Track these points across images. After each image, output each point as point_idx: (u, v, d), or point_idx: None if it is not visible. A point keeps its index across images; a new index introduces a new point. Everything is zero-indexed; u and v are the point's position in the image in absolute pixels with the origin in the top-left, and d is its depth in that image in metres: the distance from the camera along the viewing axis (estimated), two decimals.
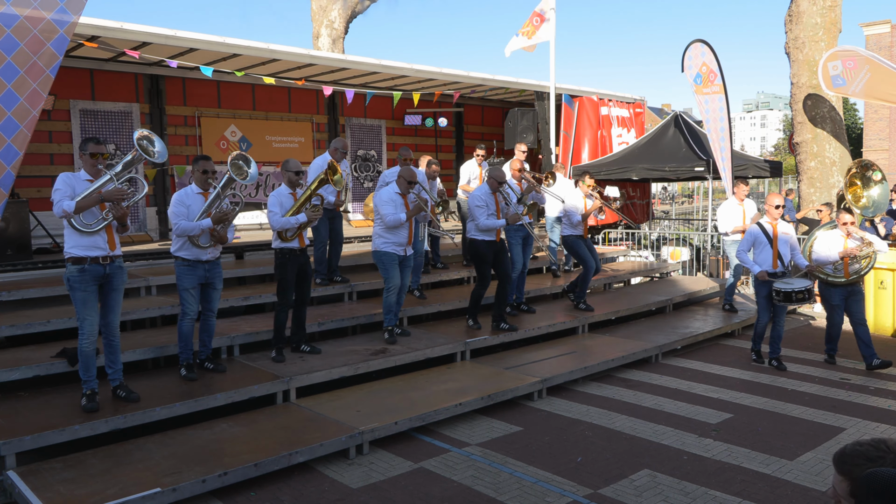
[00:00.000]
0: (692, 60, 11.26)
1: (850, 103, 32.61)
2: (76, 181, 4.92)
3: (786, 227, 7.29)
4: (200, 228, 5.57)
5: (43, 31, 5.45)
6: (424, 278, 8.99)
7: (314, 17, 18.70)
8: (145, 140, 5.17)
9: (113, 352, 5.17)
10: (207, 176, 5.70)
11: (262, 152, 12.13)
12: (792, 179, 26.10)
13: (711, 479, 4.50)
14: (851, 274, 7.08)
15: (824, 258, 7.18)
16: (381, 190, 6.93)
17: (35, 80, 5.46)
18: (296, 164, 6.40)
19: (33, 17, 5.39)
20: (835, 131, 12.05)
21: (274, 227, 6.21)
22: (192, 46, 9.03)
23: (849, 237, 7.15)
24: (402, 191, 6.83)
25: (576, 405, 6.04)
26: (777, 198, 7.26)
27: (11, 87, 5.36)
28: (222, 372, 5.85)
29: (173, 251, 5.72)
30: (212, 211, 5.66)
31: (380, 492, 4.37)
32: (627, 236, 13.24)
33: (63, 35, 5.57)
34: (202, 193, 5.72)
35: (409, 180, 6.82)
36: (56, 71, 5.59)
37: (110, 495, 3.95)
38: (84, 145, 5.04)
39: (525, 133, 13.06)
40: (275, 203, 6.25)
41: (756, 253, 7.25)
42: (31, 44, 5.40)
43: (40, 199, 9.75)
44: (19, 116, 5.40)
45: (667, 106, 56.87)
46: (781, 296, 6.94)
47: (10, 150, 5.40)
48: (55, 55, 5.56)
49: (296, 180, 6.34)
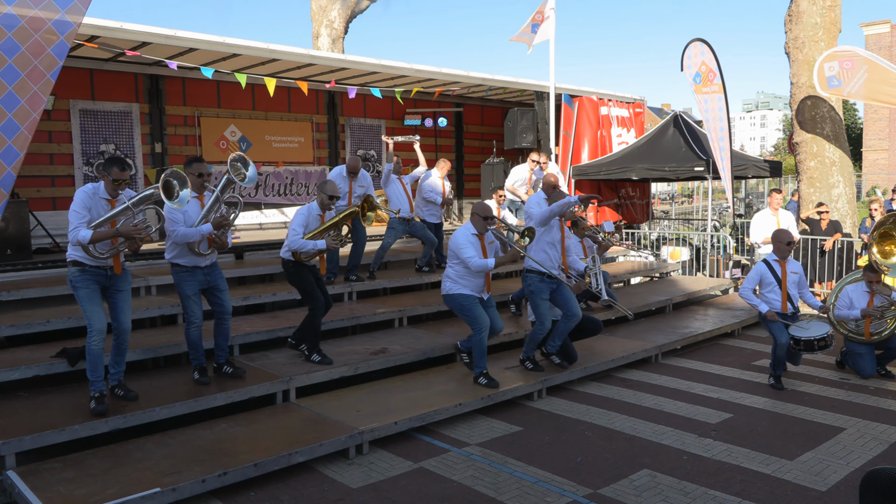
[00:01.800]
0: (692, 59, 11.26)
1: (850, 103, 32.65)
2: (94, 201, 4.89)
3: (795, 266, 6.83)
4: (201, 234, 5.38)
5: (44, 35, 5.46)
6: (426, 278, 9.01)
7: (314, 17, 18.70)
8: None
9: (120, 353, 5.15)
10: (203, 179, 5.48)
11: (262, 152, 12.13)
12: (792, 179, 26.12)
13: (711, 479, 4.50)
14: (873, 334, 6.70)
15: (845, 315, 6.81)
16: (455, 232, 6.19)
17: (36, 84, 5.46)
18: (332, 187, 6.18)
19: (35, 21, 5.40)
20: (834, 131, 12.05)
21: (291, 246, 6.03)
22: (192, 46, 9.03)
23: (874, 295, 6.73)
24: (479, 230, 6.09)
25: (576, 405, 6.04)
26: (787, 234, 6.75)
27: (12, 90, 5.37)
28: (241, 377, 5.67)
29: (169, 258, 5.53)
30: (211, 216, 5.46)
31: (380, 492, 4.37)
32: (627, 236, 13.24)
33: (63, 41, 5.58)
34: (198, 197, 5.50)
35: (485, 216, 6.07)
36: (56, 75, 5.60)
37: (110, 495, 3.95)
38: (108, 168, 4.91)
39: (525, 133, 13.07)
40: (300, 223, 6.04)
41: (764, 292, 6.78)
42: (33, 47, 5.41)
43: (40, 199, 9.76)
44: (20, 118, 5.41)
45: (667, 106, 56.91)
46: (802, 345, 6.46)
47: (11, 151, 5.40)
48: (56, 60, 5.57)
49: (328, 204, 6.17)
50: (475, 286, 6.13)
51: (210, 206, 5.49)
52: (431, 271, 9.13)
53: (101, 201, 4.95)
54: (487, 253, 6.15)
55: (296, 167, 12.50)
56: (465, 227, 6.17)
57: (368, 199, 6.30)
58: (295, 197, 12.48)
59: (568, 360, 6.70)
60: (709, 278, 11.53)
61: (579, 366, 6.71)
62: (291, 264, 6.12)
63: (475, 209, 6.16)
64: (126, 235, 4.85)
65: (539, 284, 6.35)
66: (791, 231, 7.77)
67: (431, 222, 9.33)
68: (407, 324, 7.84)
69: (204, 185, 5.53)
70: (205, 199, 5.55)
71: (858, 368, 6.81)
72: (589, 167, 12.69)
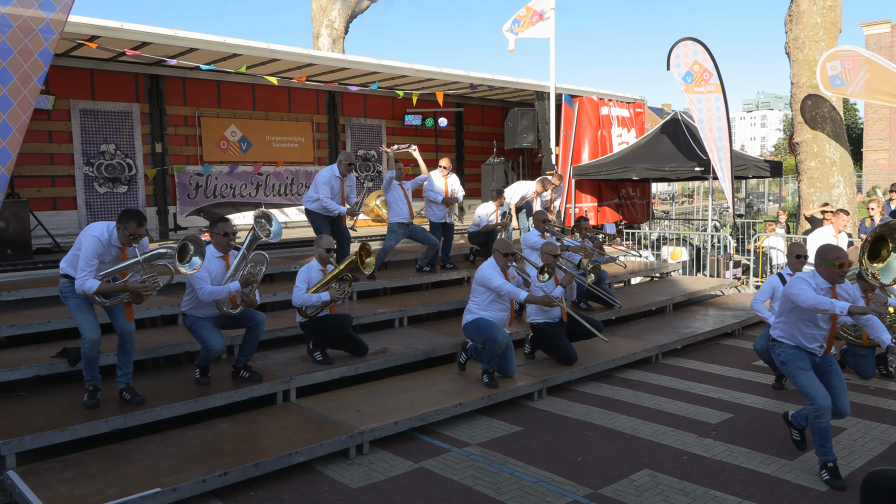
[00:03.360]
0: (680, 59, 11.24)
1: (851, 103, 32.66)
2: (106, 249, 4.86)
3: None
4: (228, 292, 5.35)
5: (32, 40, 5.54)
6: (426, 278, 9.02)
7: (314, 17, 18.71)
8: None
9: (126, 354, 5.13)
10: (229, 238, 5.51)
11: (262, 152, 12.13)
12: (792, 179, 26.11)
13: (711, 479, 4.50)
14: (871, 338, 6.77)
15: (842, 321, 6.75)
16: (480, 267, 6.28)
17: (26, 87, 5.56)
18: (328, 241, 6.27)
19: (25, 24, 5.48)
20: (835, 131, 12.05)
21: (295, 303, 6.08)
22: (192, 46, 9.03)
23: (869, 302, 6.80)
24: (501, 266, 6.21)
25: (576, 405, 6.04)
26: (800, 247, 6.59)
27: (6, 92, 5.42)
28: (259, 381, 5.62)
29: (187, 311, 5.50)
30: (238, 273, 5.45)
31: (380, 492, 4.37)
32: (627, 236, 13.24)
33: (47, 48, 5.66)
34: (222, 257, 5.52)
35: (504, 253, 6.19)
36: (42, 80, 5.69)
37: (110, 495, 3.95)
38: (126, 221, 4.82)
39: (525, 133, 13.07)
40: (302, 279, 6.12)
41: (774, 306, 6.57)
42: (23, 51, 5.49)
43: (40, 199, 9.76)
44: (12, 120, 5.47)
45: (667, 106, 56.87)
46: None
47: (4, 153, 5.46)
48: (41, 65, 5.66)
49: (326, 257, 6.23)
50: (498, 319, 6.19)
51: (238, 264, 5.48)
52: (432, 271, 9.13)
53: (113, 248, 4.92)
54: None
55: (296, 167, 12.51)
56: (490, 261, 6.28)
57: (365, 247, 6.35)
58: (295, 197, 12.49)
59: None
60: (709, 278, 11.53)
61: (579, 366, 6.71)
62: (310, 326, 6.19)
63: (496, 246, 6.28)
64: (133, 291, 4.84)
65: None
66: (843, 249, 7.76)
67: (435, 222, 9.34)
68: (407, 324, 7.84)
69: (230, 245, 5.53)
70: (231, 258, 5.55)
71: (859, 369, 6.80)
72: (589, 167, 12.69)
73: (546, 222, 8.33)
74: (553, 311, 6.69)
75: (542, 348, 6.89)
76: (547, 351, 6.84)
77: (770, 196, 29.38)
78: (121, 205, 10.48)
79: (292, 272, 7.92)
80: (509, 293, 6.10)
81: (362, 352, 6.36)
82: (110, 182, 10.43)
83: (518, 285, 6.31)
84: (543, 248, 6.81)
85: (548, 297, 6.25)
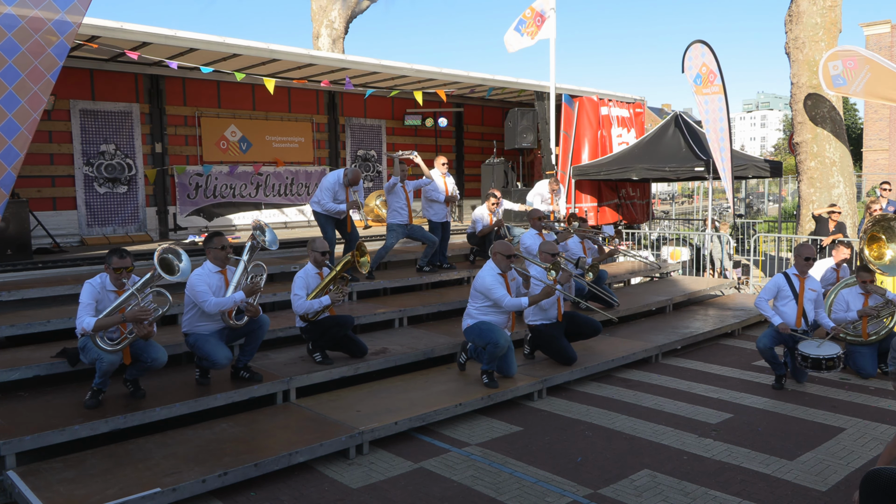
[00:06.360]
0: (692, 61, 11.27)
1: (851, 103, 32.64)
2: (103, 293, 4.92)
3: (814, 283, 6.72)
4: (234, 302, 5.38)
5: (44, 35, 5.47)
6: (426, 278, 9.02)
7: (314, 17, 18.71)
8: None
9: (141, 371, 5.21)
10: (227, 251, 5.53)
11: (262, 152, 12.13)
12: (792, 179, 26.11)
13: (711, 479, 4.50)
14: (871, 335, 6.71)
15: (842, 318, 6.80)
16: (479, 273, 6.20)
17: (36, 84, 5.48)
18: (322, 244, 6.28)
19: (35, 21, 5.41)
20: (835, 131, 12.05)
21: (297, 311, 6.07)
22: (192, 46, 9.03)
23: (869, 296, 6.75)
24: (502, 269, 6.16)
25: (576, 405, 6.04)
26: (808, 249, 6.67)
27: (13, 90, 5.38)
28: (259, 381, 5.63)
29: (188, 330, 5.51)
30: (242, 283, 5.48)
31: (380, 492, 4.37)
32: (628, 236, 13.24)
33: (63, 42, 5.59)
34: (220, 271, 5.54)
35: (507, 255, 6.13)
36: (56, 76, 5.61)
37: (110, 495, 3.95)
38: (109, 259, 4.96)
39: (525, 133, 13.07)
40: (300, 286, 6.09)
41: (778, 305, 6.69)
42: (33, 48, 5.42)
43: (40, 199, 9.75)
44: (20, 118, 5.42)
45: (667, 106, 56.91)
46: (809, 362, 6.28)
47: (11, 151, 5.41)
48: (56, 60, 5.59)
49: (321, 260, 6.22)
50: (499, 322, 6.19)
51: (240, 275, 5.50)
52: (432, 271, 9.14)
53: (109, 294, 4.96)
54: (511, 290, 6.22)
55: (296, 167, 12.50)
56: (489, 267, 6.20)
57: (360, 247, 6.35)
58: (295, 197, 12.49)
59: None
60: (709, 278, 11.52)
61: (579, 366, 6.71)
62: (310, 330, 6.17)
63: (497, 248, 6.21)
64: (132, 320, 4.83)
65: None
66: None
67: (436, 221, 9.36)
68: (407, 324, 7.84)
69: (227, 258, 5.55)
70: (228, 272, 5.58)
71: (859, 368, 6.80)
72: (589, 167, 12.69)
73: (542, 219, 8.34)
74: (550, 311, 6.70)
75: (541, 349, 6.89)
76: (546, 352, 6.84)
77: (770, 196, 29.38)
78: (121, 205, 10.48)
79: (292, 272, 7.91)
80: (510, 307, 6.10)
81: (361, 353, 6.36)
82: (110, 182, 10.42)
83: (518, 285, 6.30)
84: (542, 247, 6.81)
85: (547, 287, 6.20)
